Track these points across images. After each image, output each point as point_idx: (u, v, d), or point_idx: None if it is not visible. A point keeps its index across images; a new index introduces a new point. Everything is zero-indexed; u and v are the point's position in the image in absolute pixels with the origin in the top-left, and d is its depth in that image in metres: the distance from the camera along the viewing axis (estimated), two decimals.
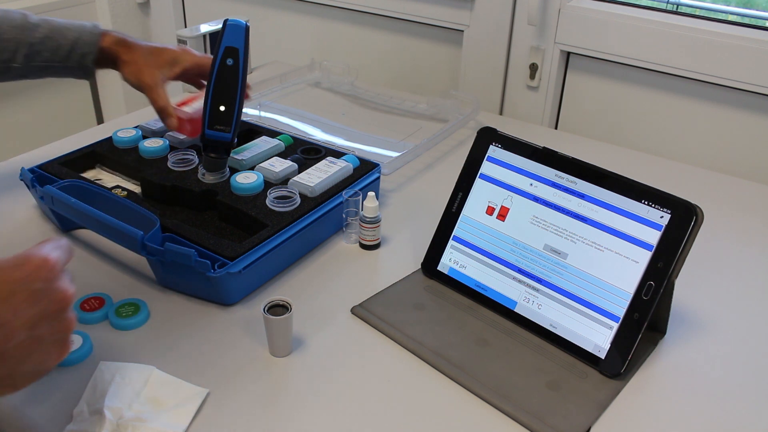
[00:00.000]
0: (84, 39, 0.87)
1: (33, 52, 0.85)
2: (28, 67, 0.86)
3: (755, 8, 1.25)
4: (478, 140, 0.79)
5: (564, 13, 1.19)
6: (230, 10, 1.66)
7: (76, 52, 0.87)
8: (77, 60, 0.88)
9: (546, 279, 0.72)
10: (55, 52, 0.86)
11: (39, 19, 0.87)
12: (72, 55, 0.87)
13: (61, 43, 0.86)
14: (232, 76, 0.84)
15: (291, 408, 0.63)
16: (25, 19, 0.85)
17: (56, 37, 0.86)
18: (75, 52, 0.87)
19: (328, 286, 0.79)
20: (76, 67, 0.89)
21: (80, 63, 0.88)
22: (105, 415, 0.58)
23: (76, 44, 0.87)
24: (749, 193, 1.03)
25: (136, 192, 0.91)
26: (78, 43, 0.87)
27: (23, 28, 0.84)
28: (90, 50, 0.88)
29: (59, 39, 0.86)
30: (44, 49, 0.86)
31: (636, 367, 0.68)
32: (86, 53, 0.87)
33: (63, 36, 0.86)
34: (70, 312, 0.48)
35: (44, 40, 0.85)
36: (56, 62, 0.87)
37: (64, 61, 0.87)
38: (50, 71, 0.88)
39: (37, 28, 0.85)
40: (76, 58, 0.88)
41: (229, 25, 0.83)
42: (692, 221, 0.64)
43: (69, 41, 0.86)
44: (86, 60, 0.88)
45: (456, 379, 0.66)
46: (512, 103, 1.32)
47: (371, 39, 1.48)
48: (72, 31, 0.87)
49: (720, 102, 1.13)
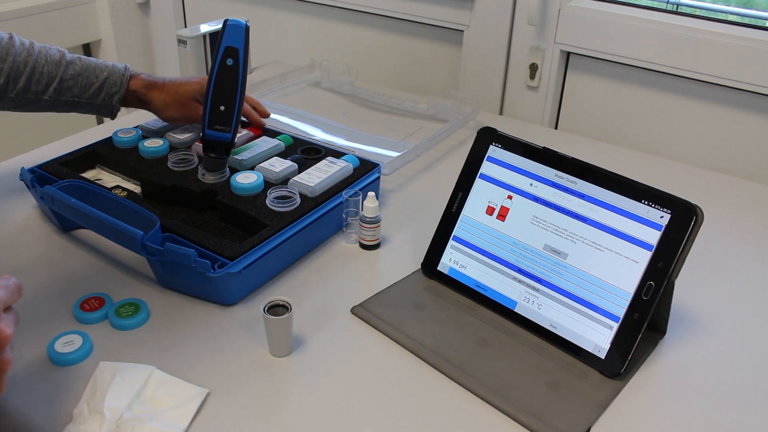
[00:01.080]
0: (113, 79, 0.92)
1: (64, 87, 0.89)
2: (56, 101, 0.90)
3: (755, 8, 1.25)
4: (478, 140, 0.79)
5: (564, 13, 1.19)
6: (230, 10, 1.66)
7: (104, 91, 0.91)
8: (104, 99, 0.92)
9: (546, 279, 0.72)
10: (84, 89, 0.91)
11: (74, 57, 0.91)
12: (100, 93, 0.91)
13: (92, 81, 0.91)
14: (232, 76, 0.84)
15: (291, 408, 0.63)
16: (62, 57, 0.90)
17: (88, 75, 0.90)
18: (103, 91, 0.91)
19: (328, 286, 0.79)
20: (102, 105, 0.92)
21: (106, 102, 0.92)
22: (105, 415, 0.58)
23: (105, 83, 0.91)
24: (749, 193, 1.03)
25: (136, 192, 0.91)
26: (107, 82, 0.91)
27: (59, 65, 0.89)
28: (117, 90, 0.92)
29: (90, 77, 0.91)
30: (75, 85, 0.90)
31: (636, 367, 0.68)
32: (113, 93, 0.92)
33: (94, 75, 0.91)
34: (6, 353, 0.48)
35: (76, 77, 0.90)
36: (84, 99, 0.91)
37: (92, 98, 0.91)
38: (77, 106, 0.92)
39: (71, 66, 0.90)
40: (103, 96, 0.92)
41: (229, 25, 0.83)
42: (692, 221, 0.64)
43: (99, 80, 0.91)
44: (112, 100, 0.92)
45: (456, 379, 0.66)
46: (512, 103, 1.32)
47: (371, 39, 1.48)
48: (103, 71, 0.91)
49: (720, 102, 1.13)
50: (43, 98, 0.89)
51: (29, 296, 0.76)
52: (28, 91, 0.88)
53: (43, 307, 0.74)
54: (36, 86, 0.88)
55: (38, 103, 0.90)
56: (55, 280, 0.79)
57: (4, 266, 0.81)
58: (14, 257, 0.83)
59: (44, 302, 0.75)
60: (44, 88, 0.88)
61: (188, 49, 1.28)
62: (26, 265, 0.81)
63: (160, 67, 1.88)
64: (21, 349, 0.68)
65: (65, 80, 0.89)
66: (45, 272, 0.80)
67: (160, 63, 1.88)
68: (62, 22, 1.70)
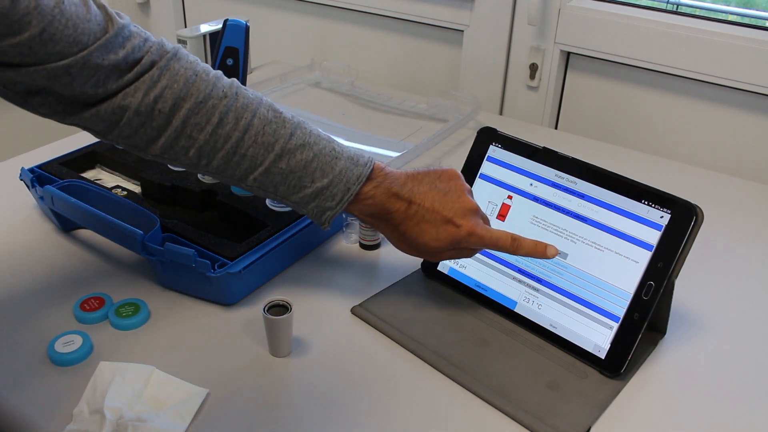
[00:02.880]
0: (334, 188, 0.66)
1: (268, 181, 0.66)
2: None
3: (755, 8, 1.25)
4: (478, 140, 0.79)
5: (564, 13, 1.19)
6: (230, 10, 1.66)
7: (315, 201, 0.67)
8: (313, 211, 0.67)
9: (546, 279, 0.72)
10: (292, 190, 0.66)
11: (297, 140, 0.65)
12: (310, 202, 0.67)
13: (304, 185, 0.66)
14: (232, 76, 0.83)
15: (291, 408, 0.63)
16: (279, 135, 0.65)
17: (301, 174, 0.65)
18: (315, 201, 0.67)
19: (328, 286, 0.79)
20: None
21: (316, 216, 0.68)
22: (105, 415, 0.58)
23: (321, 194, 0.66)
24: (749, 193, 1.03)
25: (136, 192, 0.91)
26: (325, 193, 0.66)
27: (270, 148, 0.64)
28: (332, 207, 0.66)
29: (304, 179, 0.65)
30: (281, 182, 0.66)
31: (636, 367, 0.68)
32: (326, 209, 0.66)
33: (310, 177, 0.65)
34: None
35: (287, 173, 0.65)
36: (290, 200, 0.67)
37: (299, 205, 0.67)
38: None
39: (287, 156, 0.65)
40: (313, 208, 0.67)
41: (229, 25, 0.83)
42: (692, 221, 0.64)
43: (313, 187, 0.65)
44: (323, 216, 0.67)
45: (456, 379, 0.66)
46: (512, 103, 1.32)
47: (371, 39, 1.48)
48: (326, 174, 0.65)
49: (720, 102, 1.13)
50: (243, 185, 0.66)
51: (29, 296, 0.76)
52: (223, 174, 0.65)
53: (43, 307, 0.74)
54: (234, 170, 0.65)
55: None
56: (55, 280, 0.79)
57: (5, 266, 0.81)
58: (14, 257, 0.83)
59: (44, 302, 0.75)
60: (243, 174, 0.65)
61: (188, 49, 1.28)
62: (26, 265, 0.81)
63: None
64: (21, 349, 0.69)
65: (273, 173, 0.64)
66: (45, 272, 0.80)
67: None
68: None
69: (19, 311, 0.74)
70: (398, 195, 0.66)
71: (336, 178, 0.65)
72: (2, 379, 0.65)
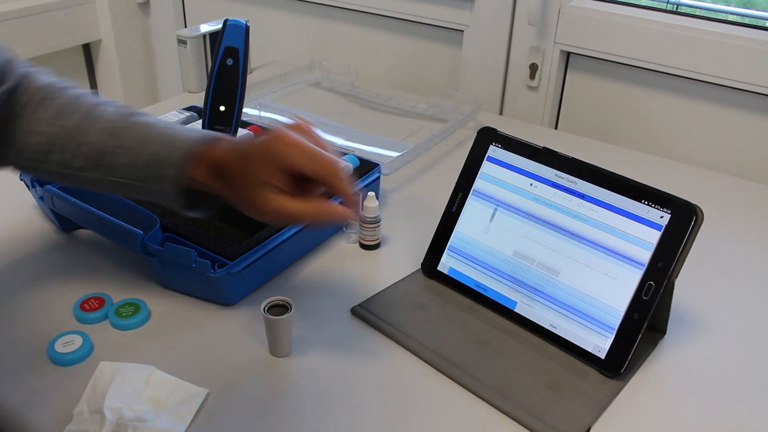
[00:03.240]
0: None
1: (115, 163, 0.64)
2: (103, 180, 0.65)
3: (755, 8, 1.25)
4: (478, 140, 0.79)
5: (564, 13, 1.19)
6: (230, 10, 1.66)
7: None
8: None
9: (542, 290, 0.72)
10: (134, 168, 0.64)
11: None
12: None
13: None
14: (232, 76, 0.84)
15: (291, 408, 0.63)
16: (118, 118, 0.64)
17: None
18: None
19: (328, 286, 0.79)
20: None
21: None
22: (105, 415, 0.58)
23: None
24: (749, 193, 1.03)
25: None
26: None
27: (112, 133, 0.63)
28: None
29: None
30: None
31: (636, 367, 0.68)
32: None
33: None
34: None
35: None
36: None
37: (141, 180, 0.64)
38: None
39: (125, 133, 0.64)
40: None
41: (229, 25, 0.83)
42: (692, 221, 0.64)
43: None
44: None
45: (456, 379, 0.66)
46: (512, 103, 1.32)
47: (371, 39, 1.48)
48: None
49: (720, 102, 1.13)
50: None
51: (29, 296, 0.76)
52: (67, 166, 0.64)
53: (43, 307, 0.74)
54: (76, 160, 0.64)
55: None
56: (55, 280, 0.79)
57: (5, 266, 0.81)
58: (14, 257, 0.83)
59: (44, 302, 0.75)
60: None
61: (188, 49, 1.28)
62: (26, 265, 0.81)
63: (160, 67, 1.88)
64: (21, 349, 0.69)
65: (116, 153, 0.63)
66: (45, 272, 0.80)
67: (160, 63, 1.87)
68: (62, 22, 1.70)
69: (19, 311, 0.74)
70: None
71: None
72: (2, 379, 0.65)
